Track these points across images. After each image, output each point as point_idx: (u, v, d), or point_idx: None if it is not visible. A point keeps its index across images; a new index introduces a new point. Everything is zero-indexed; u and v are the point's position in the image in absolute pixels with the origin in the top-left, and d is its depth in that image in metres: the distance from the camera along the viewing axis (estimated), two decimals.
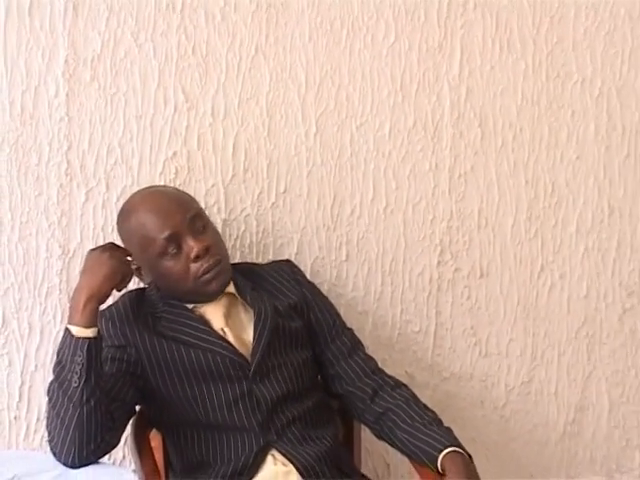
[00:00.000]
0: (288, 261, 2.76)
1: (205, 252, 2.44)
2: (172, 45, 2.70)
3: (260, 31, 2.75)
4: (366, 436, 2.73)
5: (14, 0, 2.56)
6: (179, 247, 2.44)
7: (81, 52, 2.63)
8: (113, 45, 2.65)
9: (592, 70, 3.02)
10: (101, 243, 2.62)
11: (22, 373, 2.73)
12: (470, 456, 2.45)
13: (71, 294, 2.40)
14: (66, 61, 2.62)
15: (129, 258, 2.47)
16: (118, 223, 2.56)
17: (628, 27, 3.02)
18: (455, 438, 2.47)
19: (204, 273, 2.45)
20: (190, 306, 2.52)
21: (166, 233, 2.43)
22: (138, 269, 2.50)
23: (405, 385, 2.64)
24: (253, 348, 2.49)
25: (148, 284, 2.56)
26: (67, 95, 2.64)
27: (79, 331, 2.31)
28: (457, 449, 2.43)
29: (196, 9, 2.70)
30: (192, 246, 2.44)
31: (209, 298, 2.51)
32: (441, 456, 2.42)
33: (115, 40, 2.65)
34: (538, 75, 2.99)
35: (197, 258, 2.44)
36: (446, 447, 2.43)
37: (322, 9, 2.78)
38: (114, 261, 2.41)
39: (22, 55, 2.59)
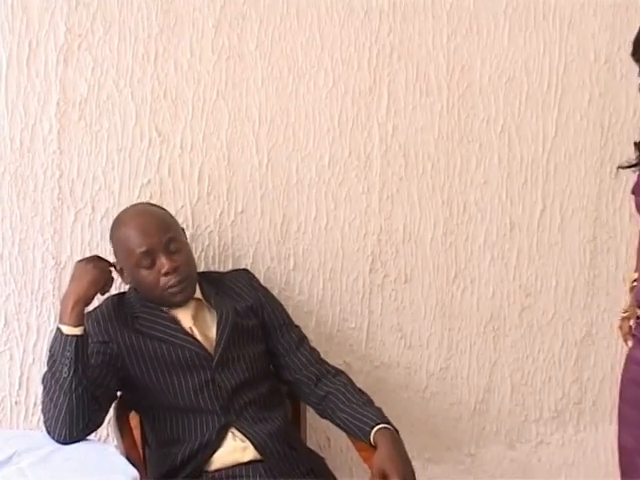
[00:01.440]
0: (245, 270, 2.77)
1: (174, 270, 2.46)
2: (147, 90, 2.67)
3: (220, 78, 2.74)
4: (310, 415, 2.74)
5: (14, 53, 2.53)
6: (153, 262, 2.46)
7: (70, 96, 2.61)
8: (97, 90, 2.62)
9: (495, 110, 3.05)
10: (87, 255, 2.61)
11: (21, 365, 2.71)
12: (397, 431, 2.46)
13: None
14: (58, 103, 2.60)
15: (114, 262, 2.50)
16: (111, 231, 2.56)
17: (525, 75, 3.04)
18: (385, 416, 2.49)
19: (171, 287, 2.47)
20: (164, 308, 2.53)
21: (143, 248, 2.45)
22: (121, 270, 2.52)
23: (343, 372, 2.66)
24: (216, 343, 2.51)
25: (129, 284, 2.57)
26: (59, 132, 2.61)
27: (68, 330, 2.32)
28: (387, 425, 2.44)
29: (167, 60, 2.68)
30: (164, 264, 2.45)
31: (176, 305, 2.53)
32: (373, 432, 2.43)
33: (99, 86, 2.63)
34: (452, 115, 3.00)
35: (167, 274, 2.46)
36: (377, 424, 2.44)
37: (272, 60, 2.77)
38: (97, 270, 2.43)
39: (20, 99, 2.57)
